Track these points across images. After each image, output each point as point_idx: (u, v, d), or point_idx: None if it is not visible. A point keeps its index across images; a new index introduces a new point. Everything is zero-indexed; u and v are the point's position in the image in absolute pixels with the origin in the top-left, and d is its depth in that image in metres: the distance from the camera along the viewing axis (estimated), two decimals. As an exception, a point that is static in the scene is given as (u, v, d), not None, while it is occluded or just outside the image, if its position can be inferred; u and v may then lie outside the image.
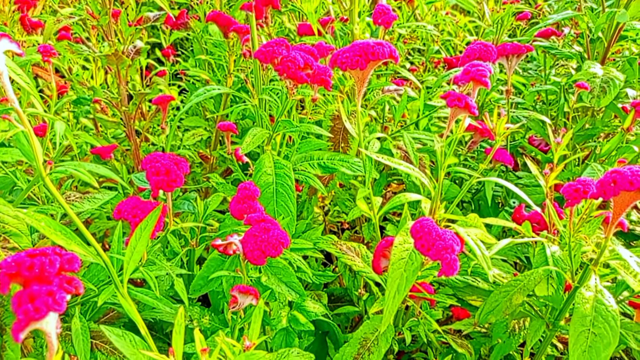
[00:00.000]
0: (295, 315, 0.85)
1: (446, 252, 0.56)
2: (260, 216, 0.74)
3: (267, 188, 0.92)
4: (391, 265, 0.63)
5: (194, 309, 0.80)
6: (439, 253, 0.56)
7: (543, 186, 0.86)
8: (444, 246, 0.56)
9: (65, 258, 0.37)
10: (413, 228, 0.59)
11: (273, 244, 0.71)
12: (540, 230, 0.93)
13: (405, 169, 0.71)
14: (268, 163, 0.94)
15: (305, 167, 1.05)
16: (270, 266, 0.82)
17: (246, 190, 0.79)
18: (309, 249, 0.97)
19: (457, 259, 0.56)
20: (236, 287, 0.70)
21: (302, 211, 1.22)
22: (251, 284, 0.84)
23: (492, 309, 0.76)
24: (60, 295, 0.35)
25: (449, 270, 0.56)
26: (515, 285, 0.76)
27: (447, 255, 0.56)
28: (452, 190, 1.20)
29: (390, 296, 0.62)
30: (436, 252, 0.56)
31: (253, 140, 0.91)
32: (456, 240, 0.58)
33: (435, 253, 0.56)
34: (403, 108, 1.18)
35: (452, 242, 0.57)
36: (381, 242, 0.72)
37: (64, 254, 0.38)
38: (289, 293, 0.82)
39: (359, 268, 0.89)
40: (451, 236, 0.58)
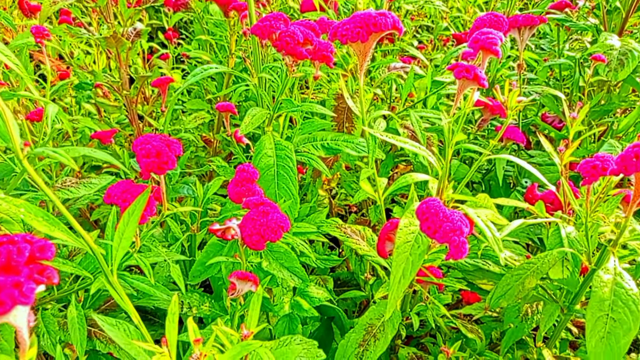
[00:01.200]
0: (298, 301, 0.82)
1: (454, 235, 0.52)
2: (259, 199, 0.71)
3: (267, 170, 0.88)
4: (396, 249, 0.60)
5: (193, 295, 0.78)
6: (447, 235, 0.52)
7: (557, 164, 0.82)
8: (452, 228, 0.52)
9: (37, 246, 0.34)
10: (419, 209, 0.55)
11: (272, 228, 0.67)
12: (554, 211, 0.89)
13: (411, 148, 0.67)
14: (269, 144, 0.91)
15: (309, 149, 1.02)
16: (271, 251, 0.79)
17: (244, 172, 0.75)
18: (312, 233, 0.94)
19: (465, 242, 0.53)
20: (234, 274, 0.67)
21: (307, 194, 1.19)
22: (251, 269, 0.81)
23: (503, 293, 0.73)
24: (28, 287, 0.32)
25: (458, 253, 0.52)
26: (528, 268, 0.73)
27: (455, 238, 0.52)
28: (461, 170, 1.16)
29: (395, 281, 0.59)
30: (443, 235, 0.53)
31: (252, 121, 0.87)
32: (465, 221, 0.54)
33: (443, 235, 0.53)
34: (410, 86, 1.13)
35: (460, 223, 0.53)
36: (386, 225, 0.68)
37: (35, 242, 0.35)
38: (291, 278, 0.79)
39: (364, 252, 0.86)
40: (459, 217, 0.54)
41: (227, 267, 0.76)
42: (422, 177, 0.78)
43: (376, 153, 0.99)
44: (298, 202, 0.86)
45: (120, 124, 1.89)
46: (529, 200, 0.97)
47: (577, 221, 0.83)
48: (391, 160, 1.21)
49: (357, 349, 0.75)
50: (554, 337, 0.83)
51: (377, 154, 1.01)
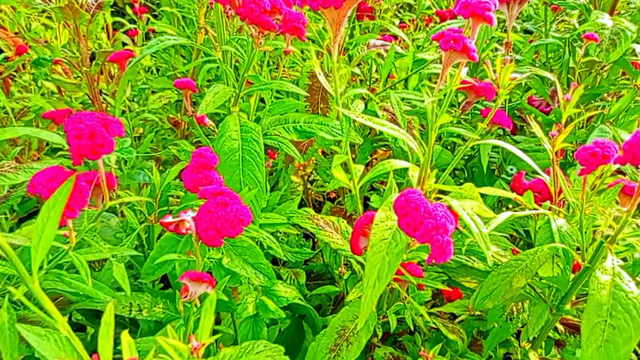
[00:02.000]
0: (263, 301, 0.74)
1: (437, 233, 0.45)
2: (217, 188, 0.62)
3: (231, 155, 0.79)
4: (371, 248, 0.52)
5: (144, 296, 0.69)
6: (428, 234, 0.45)
7: (549, 150, 0.75)
8: (435, 225, 0.45)
9: None
10: (397, 203, 0.48)
11: (231, 221, 0.59)
12: (542, 201, 0.83)
13: (389, 131, 0.59)
14: (233, 126, 0.82)
15: (280, 132, 0.93)
16: (233, 246, 0.71)
17: (201, 157, 0.66)
18: (282, 224, 0.86)
19: (450, 241, 0.45)
20: (186, 274, 0.58)
21: (278, 181, 1.10)
22: (212, 266, 0.73)
23: (489, 293, 0.66)
24: None
25: (441, 255, 0.45)
26: (517, 266, 0.66)
27: (438, 237, 0.44)
28: (443, 157, 1.09)
29: (369, 285, 0.51)
30: (425, 233, 0.45)
31: (214, 100, 0.78)
32: (449, 217, 0.47)
33: (424, 234, 0.45)
34: (390, 65, 1.04)
35: (444, 220, 0.46)
36: (360, 218, 0.61)
37: None
38: (255, 276, 0.71)
39: (337, 246, 0.78)
40: (443, 212, 0.47)
41: (181, 265, 0.67)
42: (401, 164, 0.70)
43: (351, 136, 0.90)
44: (265, 190, 0.78)
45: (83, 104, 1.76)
46: (515, 189, 0.90)
47: (567, 213, 0.77)
48: (369, 145, 1.13)
49: (328, 355, 0.68)
50: (541, 337, 0.77)
51: (352, 137, 0.93)
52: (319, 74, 0.66)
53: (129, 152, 0.90)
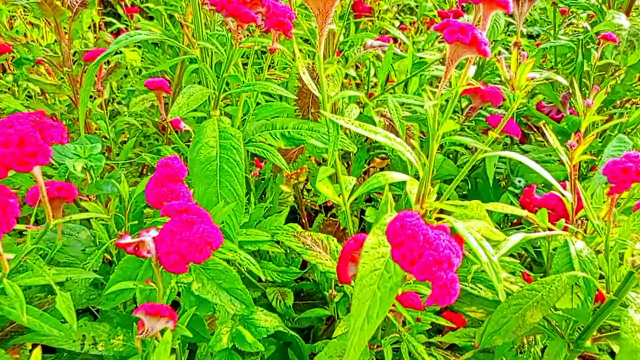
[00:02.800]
0: (240, 332, 0.65)
1: (439, 269, 0.36)
2: (182, 205, 0.53)
3: (208, 165, 0.71)
4: (359, 280, 0.43)
5: (100, 326, 0.60)
6: (429, 270, 0.36)
7: (566, 163, 0.66)
8: (436, 259, 0.36)
9: None
10: (390, 229, 0.39)
11: (196, 244, 0.50)
12: (556, 220, 0.74)
13: (382, 140, 0.51)
14: (211, 132, 0.73)
15: (266, 138, 0.84)
16: (205, 269, 0.62)
17: (167, 168, 0.58)
18: (264, 242, 0.77)
19: (455, 279, 0.36)
20: (141, 308, 0.49)
21: (265, 192, 1.01)
22: (182, 292, 0.64)
23: (498, 328, 0.57)
24: None
25: (445, 295, 0.36)
26: (530, 297, 0.57)
27: (440, 274, 0.36)
28: (445, 167, 1.00)
29: (356, 326, 0.42)
30: (424, 269, 0.36)
31: (189, 102, 0.69)
32: (454, 247, 0.38)
33: (423, 269, 0.36)
34: (388, 66, 0.96)
35: (448, 251, 0.37)
36: (349, 242, 0.52)
37: None
38: (231, 304, 0.62)
39: (325, 268, 0.69)
40: (447, 242, 0.38)
41: (143, 293, 0.58)
42: (398, 177, 0.61)
43: (344, 144, 0.82)
44: (244, 204, 0.69)
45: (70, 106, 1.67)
46: (525, 205, 0.82)
47: (586, 234, 0.68)
48: (365, 153, 1.04)
49: (312, 396, 0.59)
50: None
51: (346, 145, 0.84)
52: (303, 72, 0.58)
53: (98, 160, 0.82)
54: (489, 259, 0.47)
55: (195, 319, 0.67)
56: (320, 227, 1.05)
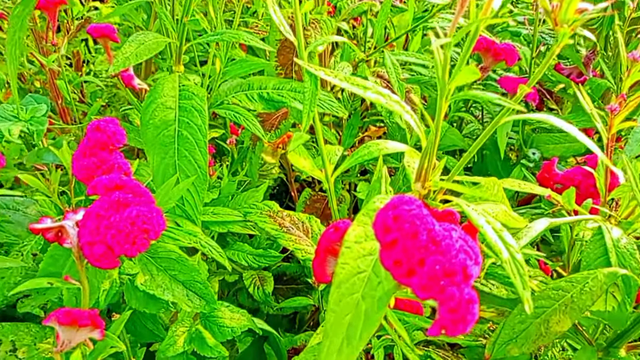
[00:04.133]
0: (200, 332, 0.54)
1: (450, 283, 0.24)
2: (113, 180, 0.41)
3: (164, 130, 0.58)
4: (336, 288, 0.31)
5: (22, 327, 0.49)
6: (434, 284, 0.24)
7: (601, 130, 0.54)
8: (447, 268, 0.24)
9: None
10: (380, 221, 0.27)
11: (127, 233, 0.38)
12: (582, 200, 0.62)
13: (374, 97, 0.38)
14: (170, 90, 0.60)
15: (241, 100, 0.72)
16: (153, 257, 0.50)
17: (98, 132, 0.45)
18: (235, 223, 0.65)
19: (474, 298, 0.25)
20: (54, 315, 0.38)
21: (244, 163, 0.89)
22: (125, 287, 0.52)
23: (515, 336, 0.46)
24: None
25: (457, 322, 0.24)
26: (557, 298, 0.45)
27: (452, 291, 0.24)
28: (449, 136, 0.88)
29: (330, 350, 0.31)
30: (429, 282, 0.24)
31: (138, 52, 0.56)
32: (472, 250, 0.26)
33: (428, 283, 0.24)
34: (385, 18, 0.82)
35: (464, 256, 0.25)
36: (327, 231, 0.40)
37: None
38: (187, 299, 0.51)
39: (306, 255, 0.58)
40: (461, 241, 0.26)
41: (70, 291, 0.47)
42: (395, 147, 0.49)
43: (333, 108, 0.69)
44: (207, 177, 0.57)
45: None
46: (544, 181, 0.70)
47: (622, 219, 0.56)
48: (358, 120, 0.91)
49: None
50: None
51: (335, 109, 0.71)
52: (274, 12, 0.45)
53: (40, 124, 0.69)
54: (511, 257, 0.36)
55: (148, 315, 0.56)
56: (307, 202, 0.94)
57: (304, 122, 0.43)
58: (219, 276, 0.80)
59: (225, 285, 0.96)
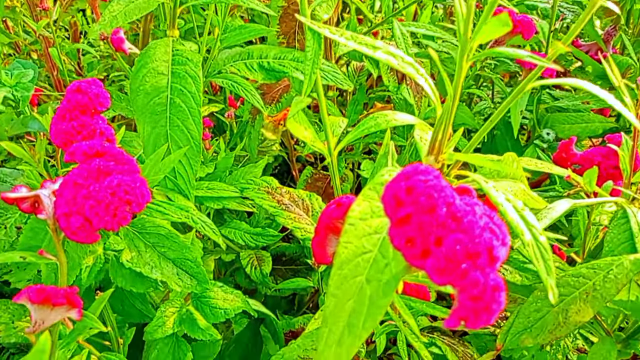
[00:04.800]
0: (190, 314, 0.50)
1: (474, 266, 0.20)
2: (94, 146, 0.37)
3: (155, 97, 0.54)
4: (337, 269, 0.28)
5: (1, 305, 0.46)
6: (454, 267, 0.20)
7: (629, 106, 0.49)
8: (470, 248, 0.20)
9: None
10: (389, 193, 0.23)
11: (106, 204, 0.35)
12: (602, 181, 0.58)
13: (384, 57, 0.34)
14: (162, 54, 0.56)
15: (239, 69, 0.67)
16: (141, 232, 0.47)
17: (78, 94, 0.41)
18: (231, 199, 0.61)
19: (500, 284, 0.21)
20: (24, 293, 0.34)
21: (243, 138, 0.85)
22: (110, 264, 0.49)
23: (530, 325, 0.43)
24: None
25: (480, 312, 0.20)
26: (577, 286, 0.42)
27: (475, 276, 0.20)
28: (460, 114, 0.83)
29: (329, 341, 0.27)
30: (447, 265, 0.21)
31: (126, 10, 0.52)
32: (499, 228, 0.22)
33: (446, 266, 0.21)
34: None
35: (489, 235, 0.21)
36: (329, 207, 0.36)
37: None
38: (177, 278, 0.47)
39: (305, 234, 0.54)
40: (486, 218, 0.22)
41: (49, 267, 0.43)
42: (404, 119, 0.45)
43: (337, 79, 0.65)
44: (200, 149, 0.53)
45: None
46: (560, 161, 0.65)
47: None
48: (363, 95, 0.87)
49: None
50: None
51: (339, 81, 0.67)
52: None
53: (26, 89, 0.65)
54: (534, 239, 0.32)
55: (136, 294, 0.53)
56: (308, 181, 0.90)
57: (305, 85, 0.39)
58: (214, 255, 0.77)
59: (222, 265, 0.93)
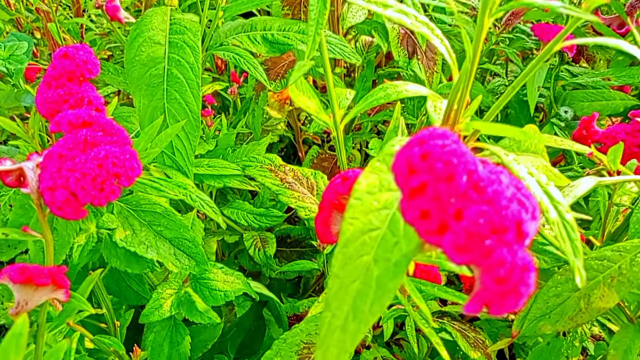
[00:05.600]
0: (189, 296, 0.48)
1: (500, 243, 0.17)
2: (80, 115, 0.35)
3: (152, 68, 0.51)
4: (342, 248, 0.25)
5: (-11, 286, 0.44)
6: (477, 244, 0.17)
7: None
8: (495, 222, 0.18)
9: None
10: (402, 161, 0.20)
11: (93, 177, 0.32)
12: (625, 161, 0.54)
13: (396, 16, 0.31)
14: (159, 23, 0.53)
15: (242, 42, 0.64)
16: (136, 210, 0.44)
17: (66, 60, 0.38)
18: (233, 177, 0.59)
19: (529, 264, 0.18)
20: (6, 270, 0.32)
21: (247, 114, 0.82)
22: (104, 243, 0.47)
23: (548, 311, 0.40)
24: None
25: (506, 295, 0.18)
26: (600, 269, 0.39)
27: (502, 254, 0.17)
28: (472, 91, 0.79)
29: (332, 325, 0.25)
30: (469, 241, 0.18)
31: (120, -25, 0.48)
32: (527, 200, 0.19)
33: (467, 243, 0.18)
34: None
35: (517, 206, 0.18)
36: (334, 181, 0.33)
37: None
38: (175, 259, 0.45)
39: (309, 214, 0.51)
40: (513, 188, 0.19)
41: (37, 244, 0.41)
42: (415, 90, 0.42)
43: (345, 52, 0.62)
44: (199, 123, 0.50)
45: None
46: (580, 139, 0.62)
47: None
48: (371, 72, 0.83)
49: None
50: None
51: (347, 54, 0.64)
52: None
53: (19, 62, 0.63)
54: (560, 217, 0.29)
55: (133, 276, 0.50)
56: (314, 161, 0.87)
57: (309, 46, 0.36)
58: (217, 236, 0.75)
59: (225, 247, 0.91)
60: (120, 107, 0.69)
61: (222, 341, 0.61)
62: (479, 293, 0.18)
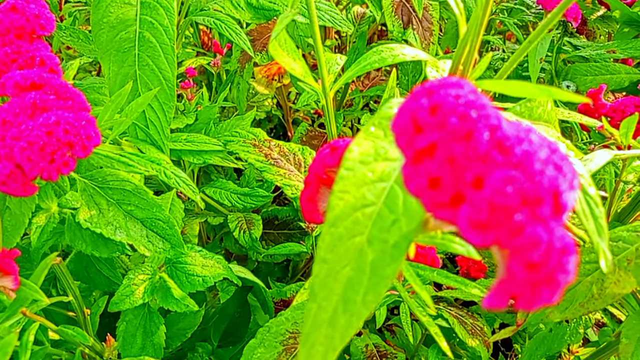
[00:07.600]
0: (164, 282, 0.44)
1: (532, 218, 0.13)
2: (29, 76, 0.30)
3: (121, 31, 0.46)
4: (329, 227, 0.21)
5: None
6: (502, 219, 0.13)
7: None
8: (527, 194, 0.13)
9: None
10: (406, 117, 0.16)
11: (43, 145, 0.28)
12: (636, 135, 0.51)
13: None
14: (129, -18, 0.48)
15: (224, 7, 0.59)
16: (103, 187, 0.40)
17: (15, 14, 0.33)
18: (214, 153, 0.54)
19: (569, 246, 0.14)
20: (-61, 255, 0.28)
21: (231, 89, 0.77)
22: (67, 224, 0.42)
23: (557, 298, 0.36)
24: None
25: (541, 285, 0.14)
26: (616, 252, 0.35)
27: (535, 231, 0.13)
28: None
29: (318, 319, 0.21)
30: (492, 215, 0.14)
31: None
32: (564, 164, 0.15)
33: (490, 217, 0.14)
34: None
35: (553, 171, 0.14)
36: (321, 152, 0.29)
37: None
38: (147, 241, 0.41)
39: (296, 193, 0.47)
40: (547, 149, 0.15)
41: None
42: (412, 54, 0.38)
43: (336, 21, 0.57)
44: (174, 91, 0.45)
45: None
46: (588, 112, 0.58)
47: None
48: (364, 44, 0.79)
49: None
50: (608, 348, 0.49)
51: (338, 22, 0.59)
52: None
53: None
54: (582, 192, 0.25)
55: (103, 260, 0.46)
56: (303, 138, 0.82)
57: None
58: (200, 218, 0.70)
59: (210, 229, 0.86)
60: (93, 78, 0.64)
61: (204, 328, 0.58)
62: (504, 282, 0.14)
